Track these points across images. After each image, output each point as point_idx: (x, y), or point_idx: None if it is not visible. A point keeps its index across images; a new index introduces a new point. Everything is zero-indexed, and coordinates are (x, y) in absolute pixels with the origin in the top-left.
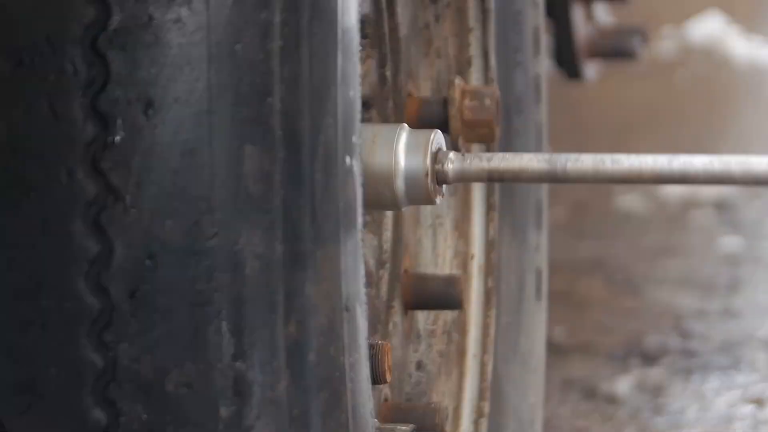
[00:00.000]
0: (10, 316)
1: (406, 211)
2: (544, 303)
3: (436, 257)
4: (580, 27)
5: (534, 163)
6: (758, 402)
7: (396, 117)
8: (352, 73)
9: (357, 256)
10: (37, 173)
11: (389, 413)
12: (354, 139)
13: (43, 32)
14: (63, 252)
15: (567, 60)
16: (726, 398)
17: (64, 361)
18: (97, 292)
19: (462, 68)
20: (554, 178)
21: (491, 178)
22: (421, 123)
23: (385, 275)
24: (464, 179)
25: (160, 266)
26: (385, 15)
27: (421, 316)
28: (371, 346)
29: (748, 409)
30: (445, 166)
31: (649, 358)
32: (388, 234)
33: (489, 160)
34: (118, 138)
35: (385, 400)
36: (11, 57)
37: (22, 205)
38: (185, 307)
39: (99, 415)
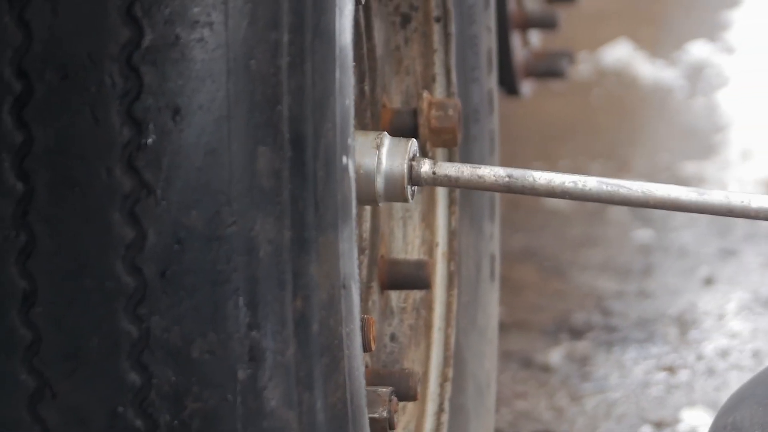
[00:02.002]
0: (58, 294)
1: (382, 205)
2: (497, 284)
3: (406, 245)
4: (518, 51)
5: (495, 177)
6: (670, 370)
7: (373, 125)
8: (348, 85)
9: (352, 242)
10: (81, 171)
11: (369, 378)
12: (349, 141)
13: (85, 50)
14: (103, 238)
15: (507, 79)
16: (642, 367)
17: (104, 332)
18: (133, 272)
19: (428, 83)
20: (511, 191)
21: (457, 185)
22: (394, 130)
23: (364, 260)
24: (434, 183)
25: (186, 250)
26: (364, 38)
27: (394, 295)
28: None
29: (662, 375)
30: (419, 171)
31: (576, 333)
32: (366, 225)
33: (460, 169)
34: (150, 140)
35: (366, 366)
36: (58, 71)
37: (68, 199)
38: (208, 285)
39: (134, 377)
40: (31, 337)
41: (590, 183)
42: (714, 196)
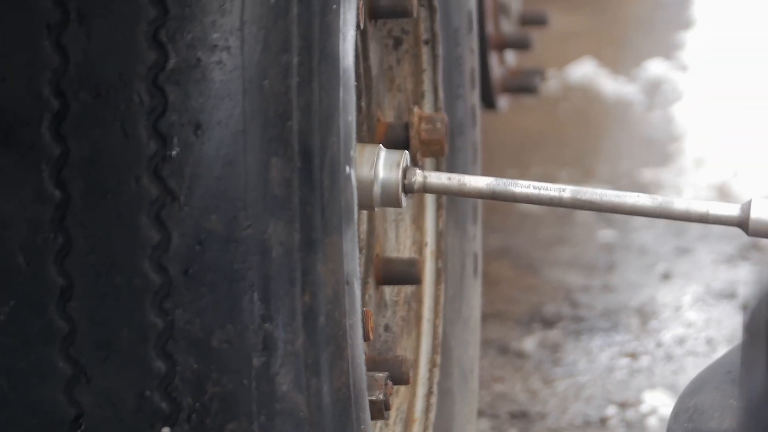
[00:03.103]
0: (91, 290)
1: (377, 210)
2: (479, 280)
3: (398, 245)
4: (495, 69)
5: (478, 185)
6: (632, 356)
7: (369, 137)
8: (350, 102)
9: (354, 243)
10: (112, 180)
11: (367, 364)
12: (352, 153)
13: (116, 71)
14: (132, 240)
15: (485, 95)
16: (607, 353)
17: (133, 324)
18: (159, 270)
19: (417, 100)
20: (493, 197)
21: (446, 192)
22: (387, 142)
23: (362, 258)
24: (424, 191)
25: (207, 250)
26: (361, 59)
27: (388, 290)
28: None
29: (625, 361)
30: (412, 180)
31: (548, 323)
32: (363, 227)
33: (448, 178)
34: (174, 152)
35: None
36: (92, 90)
37: (100, 205)
38: (226, 282)
39: (160, 365)
40: (68, 328)
41: (567, 191)
42: (676, 203)
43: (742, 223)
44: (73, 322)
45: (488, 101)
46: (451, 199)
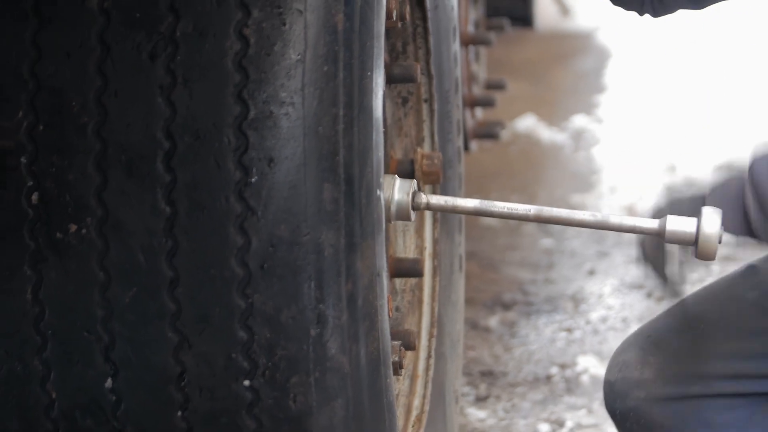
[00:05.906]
0: (193, 279)
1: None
2: (463, 274)
3: (405, 248)
4: (469, 121)
5: (468, 205)
6: (568, 330)
7: (385, 170)
8: (380, 143)
9: (383, 245)
10: (208, 199)
11: None
12: (381, 180)
13: (211, 120)
14: (222, 244)
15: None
16: (550, 328)
17: (223, 304)
18: (242, 265)
19: (419, 142)
20: (477, 214)
21: (443, 210)
22: (398, 173)
23: None
24: (428, 209)
25: (277, 251)
26: None
27: (398, 281)
28: None
29: (563, 334)
30: (418, 201)
31: (506, 306)
32: None
33: (444, 200)
34: (253, 180)
35: None
36: (193, 134)
37: (200, 218)
38: (291, 274)
39: (243, 334)
40: (175, 308)
41: (533, 210)
42: (612, 218)
43: (660, 233)
44: (179, 304)
45: (464, 145)
46: (443, 216)
